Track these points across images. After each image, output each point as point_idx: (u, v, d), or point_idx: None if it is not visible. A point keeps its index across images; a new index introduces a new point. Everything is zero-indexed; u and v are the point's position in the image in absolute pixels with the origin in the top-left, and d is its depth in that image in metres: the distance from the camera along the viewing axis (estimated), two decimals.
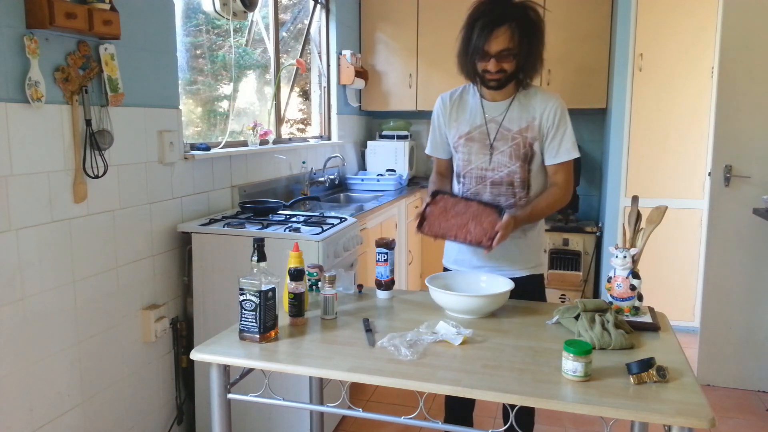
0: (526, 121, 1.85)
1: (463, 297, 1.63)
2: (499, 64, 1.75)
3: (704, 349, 3.12)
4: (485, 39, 1.71)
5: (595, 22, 4.07)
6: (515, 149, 1.86)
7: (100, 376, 2.10)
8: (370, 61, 4.59)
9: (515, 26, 1.71)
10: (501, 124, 1.87)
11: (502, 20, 1.70)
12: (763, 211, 2.80)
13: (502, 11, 1.71)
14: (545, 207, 1.87)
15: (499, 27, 1.70)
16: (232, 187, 2.86)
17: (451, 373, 1.30)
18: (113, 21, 1.94)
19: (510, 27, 1.70)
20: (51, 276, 1.88)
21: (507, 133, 1.86)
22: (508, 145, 1.87)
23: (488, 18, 1.71)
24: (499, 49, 1.73)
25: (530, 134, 1.85)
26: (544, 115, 1.85)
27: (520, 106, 1.86)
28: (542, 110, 1.85)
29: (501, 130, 1.87)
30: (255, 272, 1.46)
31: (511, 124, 1.86)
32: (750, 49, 2.91)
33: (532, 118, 1.85)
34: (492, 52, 1.73)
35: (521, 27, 1.72)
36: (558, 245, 4.20)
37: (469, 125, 1.91)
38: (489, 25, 1.70)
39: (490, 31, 1.70)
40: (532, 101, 1.86)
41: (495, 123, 1.88)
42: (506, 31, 1.70)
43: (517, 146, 1.86)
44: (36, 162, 1.81)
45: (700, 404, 1.15)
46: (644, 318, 1.59)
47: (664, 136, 3.67)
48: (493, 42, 1.71)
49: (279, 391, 1.65)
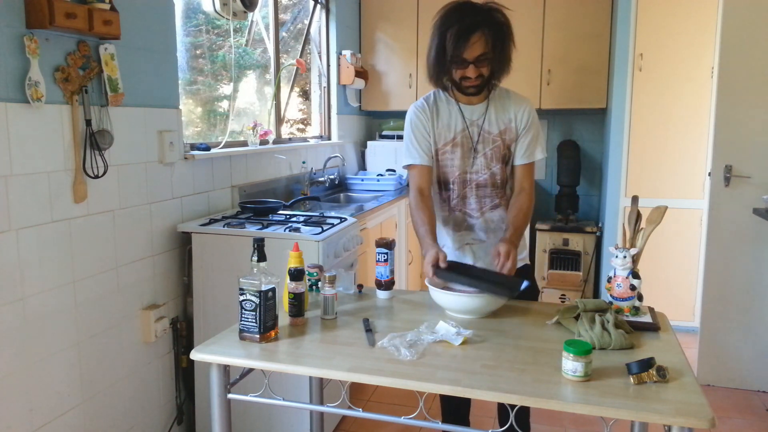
0: (504, 123, 1.90)
1: (463, 297, 1.63)
2: (478, 70, 1.76)
3: (704, 349, 3.12)
4: (462, 47, 1.72)
5: (595, 22, 4.06)
6: (496, 151, 1.90)
7: (100, 376, 2.10)
8: (370, 61, 4.59)
9: (487, 31, 1.72)
10: (482, 127, 1.90)
11: (475, 27, 1.71)
12: (763, 211, 2.80)
13: (473, 18, 1.72)
14: (525, 222, 1.90)
15: (473, 33, 1.71)
16: (232, 187, 2.86)
17: (451, 373, 1.30)
18: (113, 21, 1.94)
19: (483, 33, 1.72)
20: (51, 276, 1.88)
21: (488, 136, 1.90)
22: (489, 147, 1.90)
23: (461, 26, 1.72)
24: (476, 55, 1.74)
25: (508, 136, 1.90)
26: (518, 116, 1.89)
27: (497, 108, 1.90)
28: (516, 111, 1.89)
29: (482, 133, 1.90)
30: (255, 272, 1.46)
31: (491, 127, 1.90)
32: (750, 49, 2.91)
33: (508, 119, 1.90)
34: (470, 58, 1.74)
35: (492, 31, 1.73)
36: (558, 245, 4.20)
37: (452, 131, 1.91)
38: (464, 33, 1.71)
39: (467, 38, 1.71)
40: (506, 102, 1.91)
41: (476, 126, 1.90)
42: (480, 36, 1.72)
43: (498, 148, 1.90)
44: (36, 162, 1.81)
45: (700, 404, 1.15)
46: (644, 318, 1.59)
47: (664, 136, 3.67)
48: (470, 49, 1.72)
49: (279, 391, 1.65)
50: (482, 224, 1.95)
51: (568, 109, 4.26)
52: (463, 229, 1.97)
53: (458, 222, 1.97)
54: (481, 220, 1.95)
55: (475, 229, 1.96)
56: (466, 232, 1.97)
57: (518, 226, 1.85)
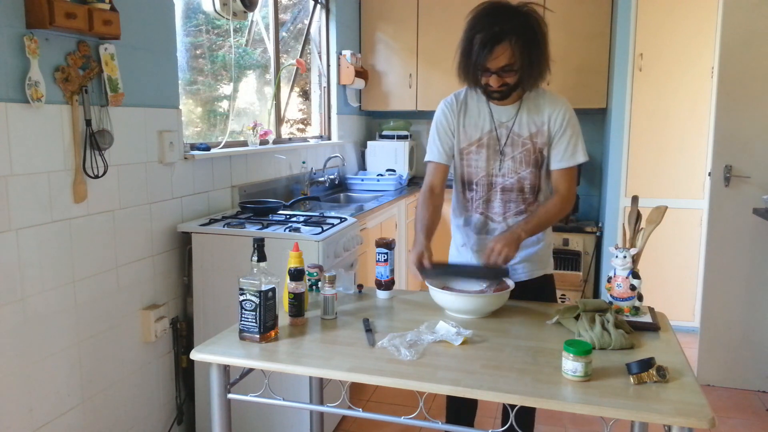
0: (536, 125, 1.81)
1: (463, 297, 1.63)
2: (501, 79, 1.70)
3: (704, 349, 3.12)
4: (485, 57, 1.65)
5: (595, 22, 4.07)
6: (526, 155, 1.82)
7: (100, 376, 2.10)
8: (370, 61, 4.59)
9: (515, 41, 1.64)
10: (511, 130, 1.82)
11: (502, 36, 1.63)
12: (763, 211, 2.80)
13: (501, 26, 1.63)
14: (547, 219, 1.82)
15: (499, 44, 1.63)
16: (232, 187, 2.86)
17: (451, 373, 1.30)
18: (113, 21, 1.94)
19: (510, 43, 1.63)
20: (51, 276, 1.88)
21: (517, 139, 1.83)
22: (518, 150, 1.83)
23: (488, 34, 1.64)
24: (500, 66, 1.67)
25: (540, 139, 1.81)
26: (552, 118, 1.80)
27: (529, 110, 1.82)
28: (550, 114, 1.80)
29: (511, 135, 1.83)
30: (255, 272, 1.46)
31: (521, 129, 1.82)
32: (750, 49, 2.91)
33: (541, 122, 1.81)
34: (493, 69, 1.68)
35: (522, 39, 1.65)
36: (558, 245, 4.20)
37: (479, 131, 1.85)
38: (489, 42, 1.63)
39: (491, 49, 1.64)
40: (540, 104, 1.81)
41: (505, 128, 1.83)
42: (506, 48, 1.64)
43: (528, 152, 1.82)
44: (36, 162, 1.81)
45: (700, 404, 1.15)
46: (644, 318, 1.59)
47: (664, 136, 3.67)
48: (494, 60, 1.65)
49: (279, 391, 1.65)
50: (504, 229, 1.87)
51: None
52: (484, 233, 1.91)
53: (479, 225, 1.91)
54: (503, 225, 1.88)
55: (496, 234, 1.88)
56: (486, 236, 1.90)
57: (539, 219, 1.78)
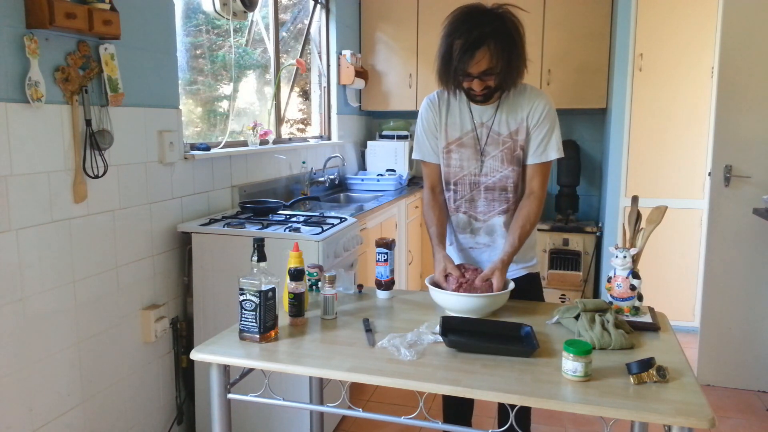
0: (516, 122, 1.82)
1: (463, 297, 1.63)
2: (483, 83, 1.70)
3: (704, 349, 3.12)
4: (467, 62, 1.66)
5: (595, 22, 4.06)
6: (507, 153, 1.83)
7: (100, 376, 2.10)
8: (370, 61, 4.59)
9: (494, 45, 1.64)
10: (491, 129, 1.83)
11: (481, 41, 1.62)
12: (763, 211, 2.80)
13: (480, 30, 1.64)
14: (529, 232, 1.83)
15: (479, 49, 1.64)
16: (232, 187, 2.86)
17: (451, 373, 1.30)
18: (113, 21, 1.94)
19: (489, 48, 1.63)
20: (51, 276, 1.88)
21: (497, 138, 1.83)
22: (499, 149, 1.84)
23: (468, 39, 1.64)
24: (482, 70, 1.67)
25: (520, 137, 1.82)
26: (530, 113, 1.81)
27: (509, 108, 1.82)
28: (528, 109, 1.81)
29: (491, 134, 1.84)
30: (255, 272, 1.46)
31: (501, 128, 1.83)
32: (750, 49, 2.91)
33: (521, 118, 1.81)
34: (475, 73, 1.68)
35: (500, 42, 1.65)
36: (558, 245, 4.20)
37: (459, 131, 1.87)
38: (469, 48, 1.64)
39: (471, 54, 1.64)
40: (519, 100, 1.81)
41: (485, 128, 1.84)
42: (486, 52, 1.64)
43: (509, 150, 1.83)
44: (36, 162, 1.81)
45: (700, 404, 1.15)
46: (644, 318, 1.59)
47: (664, 136, 3.67)
48: (476, 65, 1.66)
49: (279, 391, 1.65)
50: (488, 228, 1.90)
51: (568, 109, 4.25)
52: (468, 232, 1.93)
53: (462, 224, 1.93)
54: (487, 224, 1.90)
55: (480, 233, 1.91)
56: (470, 235, 1.93)
57: (518, 239, 1.78)
